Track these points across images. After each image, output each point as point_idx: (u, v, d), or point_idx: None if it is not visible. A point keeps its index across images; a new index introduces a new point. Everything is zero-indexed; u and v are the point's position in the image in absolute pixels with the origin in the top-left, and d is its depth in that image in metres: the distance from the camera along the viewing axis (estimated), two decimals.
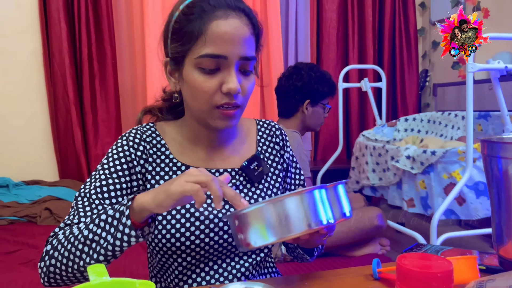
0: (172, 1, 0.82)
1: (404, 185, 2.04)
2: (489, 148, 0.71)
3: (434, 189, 1.88)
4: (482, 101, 2.44)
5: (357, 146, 2.48)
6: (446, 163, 1.83)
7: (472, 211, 1.77)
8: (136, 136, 0.83)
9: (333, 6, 3.18)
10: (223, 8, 0.74)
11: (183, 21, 0.76)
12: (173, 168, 0.83)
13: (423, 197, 1.95)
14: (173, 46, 0.78)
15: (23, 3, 2.70)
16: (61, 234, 0.72)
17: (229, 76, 0.74)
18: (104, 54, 2.77)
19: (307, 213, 0.55)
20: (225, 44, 0.73)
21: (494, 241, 0.75)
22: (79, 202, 0.77)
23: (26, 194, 2.49)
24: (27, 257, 1.75)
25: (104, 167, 0.80)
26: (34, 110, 2.77)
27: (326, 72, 2.09)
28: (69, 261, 0.68)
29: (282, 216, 0.54)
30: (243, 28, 0.75)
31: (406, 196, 2.03)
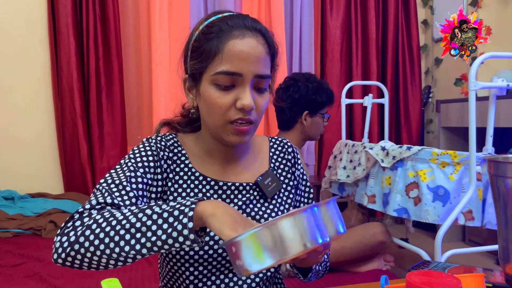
0: (178, 19, 0.86)
1: (371, 180, 2.05)
2: (495, 168, 0.73)
3: (397, 184, 1.90)
4: (484, 118, 2.46)
5: (338, 145, 2.51)
6: (417, 160, 1.86)
7: (423, 213, 1.79)
8: (162, 141, 0.86)
9: (337, 23, 3.22)
10: (240, 28, 0.78)
11: (202, 40, 0.80)
12: (192, 177, 0.85)
13: (386, 194, 1.96)
14: (191, 63, 0.82)
15: (32, 19, 2.75)
16: (95, 213, 0.69)
17: (244, 92, 0.77)
18: (111, 69, 2.81)
19: (302, 234, 0.55)
20: (240, 62, 0.76)
21: (500, 259, 0.76)
22: (106, 187, 0.74)
23: (31, 207, 2.50)
24: (32, 270, 1.76)
25: (131, 161, 0.80)
26: (41, 123, 2.81)
27: (324, 82, 2.08)
28: (102, 244, 0.64)
29: (277, 239, 0.54)
30: (259, 47, 0.78)
31: (369, 191, 2.05)
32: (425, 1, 3.45)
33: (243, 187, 0.87)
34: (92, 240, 0.64)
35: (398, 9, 3.32)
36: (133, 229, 0.64)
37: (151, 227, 0.64)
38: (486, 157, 0.75)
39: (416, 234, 2.88)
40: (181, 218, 0.63)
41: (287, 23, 3.18)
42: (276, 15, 3.00)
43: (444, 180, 1.79)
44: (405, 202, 1.86)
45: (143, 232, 0.64)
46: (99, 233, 0.65)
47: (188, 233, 0.62)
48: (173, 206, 0.65)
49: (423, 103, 3.41)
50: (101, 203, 0.71)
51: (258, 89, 0.80)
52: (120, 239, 0.64)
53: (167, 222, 0.64)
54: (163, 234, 0.63)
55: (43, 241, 2.18)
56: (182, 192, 0.84)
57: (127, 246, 0.64)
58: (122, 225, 0.65)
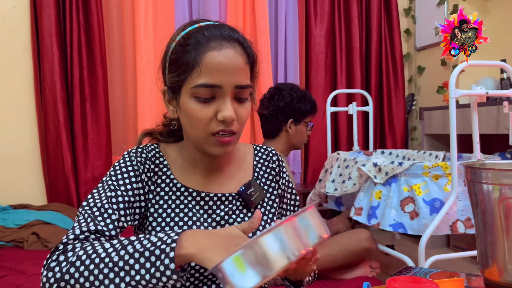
0: (163, 28, 0.86)
1: (361, 193, 2.07)
2: (472, 174, 0.74)
3: (391, 199, 1.91)
4: (467, 125, 2.50)
5: (329, 159, 2.52)
6: (410, 175, 1.87)
7: (422, 226, 1.80)
8: (143, 153, 0.85)
9: (321, 32, 3.26)
10: (217, 39, 0.77)
11: (179, 52, 0.79)
12: (173, 188, 0.85)
13: (373, 207, 1.98)
14: (170, 76, 0.81)
15: (15, 29, 2.72)
16: (79, 248, 0.69)
17: (224, 104, 0.77)
18: (95, 78, 2.80)
19: (284, 247, 0.55)
20: (219, 74, 0.76)
21: (479, 263, 0.77)
22: (88, 211, 0.75)
23: (13, 219, 2.45)
24: (14, 283, 1.72)
25: (112, 179, 0.80)
26: (24, 133, 2.77)
27: (307, 91, 2.15)
28: (87, 282, 0.65)
29: (260, 257, 0.54)
30: (237, 58, 0.78)
31: (357, 204, 2.06)
32: (407, 10, 3.51)
33: (226, 198, 0.87)
34: (77, 278, 0.65)
35: (381, 19, 3.38)
36: (116, 267, 0.65)
37: (134, 266, 0.65)
38: (463, 163, 0.76)
39: (402, 240, 2.90)
40: (162, 258, 0.64)
41: (272, 32, 3.20)
42: (261, 23, 3.02)
43: (439, 192, 1.80)
44: (400, 217, 1.87)
45: (126, 270, 0.65)
46: (84, 271, 0.65)
47: (171, 274, 0.63)
48: (154, 243, 0.66)
49: (406, 111, 3.46)
50: (84, 232, 0.72)
51: (239, 99, 0.80)
52: (104, 278, 0.65)
53: (150, 261, 0.65)
54: (146, 273, 0.64)
55: (25, 253, 2.14)
56: (164, 204, 0.83)
57: (112, 285, 0.65)
58: (105, 263, 0.65)
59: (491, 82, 2.69)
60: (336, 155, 2.43)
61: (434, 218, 1.77)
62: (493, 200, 0.71)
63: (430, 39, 3.27)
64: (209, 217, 0.85)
